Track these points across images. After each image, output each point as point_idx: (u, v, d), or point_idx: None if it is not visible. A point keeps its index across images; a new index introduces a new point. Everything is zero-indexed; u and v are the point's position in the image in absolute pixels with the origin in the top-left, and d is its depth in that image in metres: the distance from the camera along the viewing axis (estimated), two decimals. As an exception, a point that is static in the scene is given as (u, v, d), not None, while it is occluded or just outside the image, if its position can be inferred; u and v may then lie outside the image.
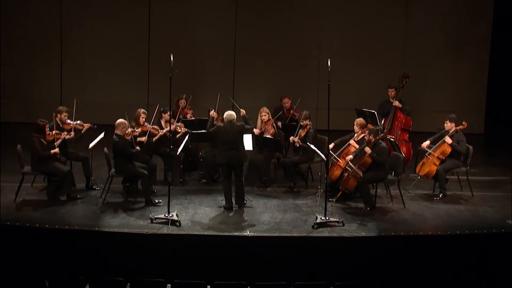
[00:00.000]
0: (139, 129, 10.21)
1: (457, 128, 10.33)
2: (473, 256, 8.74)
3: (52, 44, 14.65)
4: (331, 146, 10.07)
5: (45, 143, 9.65)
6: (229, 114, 9.75)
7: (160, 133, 10.43)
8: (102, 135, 10.20)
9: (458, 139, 10.27)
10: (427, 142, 10.46)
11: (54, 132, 9.83)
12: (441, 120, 10.59)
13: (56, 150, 9.68)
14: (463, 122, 10.31)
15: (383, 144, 9.85)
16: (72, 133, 10.04)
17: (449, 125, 10.37)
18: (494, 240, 8.91)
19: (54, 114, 10.05)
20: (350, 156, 9.91)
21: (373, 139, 9.73)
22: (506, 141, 13.76)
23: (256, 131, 10.63)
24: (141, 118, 10.32)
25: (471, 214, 9.71)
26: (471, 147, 10.42)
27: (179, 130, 10.68)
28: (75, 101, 10.22)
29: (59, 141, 9.81)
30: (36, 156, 9.57)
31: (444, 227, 9.19)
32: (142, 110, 10.43)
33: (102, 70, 14.76)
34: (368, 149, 9.70)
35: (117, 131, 9.69)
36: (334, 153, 10.24)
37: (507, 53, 14.65)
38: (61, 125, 10.17)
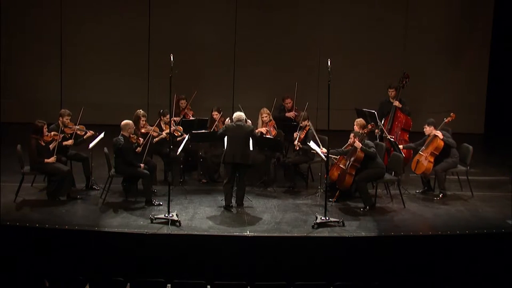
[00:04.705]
0: (139, 134, 10.10)
1: (446, 120, 10.31)
2: (473, 256, 8.73)
3: (52, 44, 14.66)
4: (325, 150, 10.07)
5: (43, 144, 9.63)
6: (239, 114, 9.74)
7: (162, 136, 10.38)
8: (102, 135, 10.19)
9: (445, 135, 10.26)
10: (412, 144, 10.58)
11: (52, 133, 9.80)
12: (441, 120, 10.58)
13: (53, 159, 9.57)
14: (451, 114, 10.31)
15: (369, 140, 9.84)
16: (71, 141, 9.96)
17: (428, 130, 10.32)
18: (494, 240, 8.91)
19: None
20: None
21: (358, 140, 9.71)
22: (506, 141, 13.76)
23: (257, 130, 10.60)
24: (141, 122, 10.23)
25: (471, 214, 9.71)
26: (471, 147, 10.42)
27: (177, 134, 10.62)
28: (82, 109, 10.14)
29: (54, 144, 9.70)
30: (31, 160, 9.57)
31: (444, 227, 9.17)
32: (142, 112, 10.29)
33: (102, 70, 14.76)
34: (358, 144, 9.67)
35: (123, 132, 9.67)
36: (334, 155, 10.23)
37: (507, 53, 14.65)
38: (62, 128, 10.09)
